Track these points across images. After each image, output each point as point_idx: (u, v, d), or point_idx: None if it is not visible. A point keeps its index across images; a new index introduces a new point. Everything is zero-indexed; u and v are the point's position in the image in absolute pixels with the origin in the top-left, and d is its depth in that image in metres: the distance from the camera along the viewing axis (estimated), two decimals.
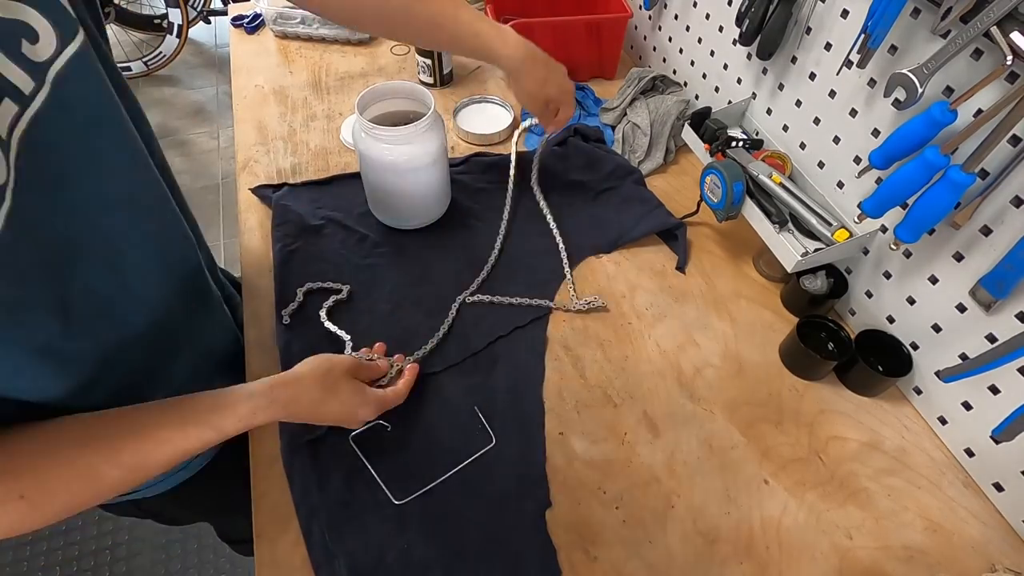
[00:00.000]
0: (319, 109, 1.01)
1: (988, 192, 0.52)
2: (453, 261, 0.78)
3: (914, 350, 0.66)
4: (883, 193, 0.58)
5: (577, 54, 1.06)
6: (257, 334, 0.70)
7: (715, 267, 0.80)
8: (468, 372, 0.67)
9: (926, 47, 0.56)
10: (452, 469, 0.59)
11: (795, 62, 0.74)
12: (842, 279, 0.73)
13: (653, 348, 0.71)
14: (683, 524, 0.58)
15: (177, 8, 2.40)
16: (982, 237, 0.55)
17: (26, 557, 1.34)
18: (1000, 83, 0.50)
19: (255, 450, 0.61)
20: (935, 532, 0.58)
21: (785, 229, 0.73)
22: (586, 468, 0.61)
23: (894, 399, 0.68)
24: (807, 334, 0.69)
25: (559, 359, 0.70)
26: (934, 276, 0.62)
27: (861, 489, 0.61)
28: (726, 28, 0.86)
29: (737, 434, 0.64)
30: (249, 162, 0.91)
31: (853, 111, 0.67)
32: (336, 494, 0.57)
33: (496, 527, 0.56)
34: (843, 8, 0.65)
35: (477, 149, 0.96)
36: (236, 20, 1.20)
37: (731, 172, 0.72)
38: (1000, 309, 0.55)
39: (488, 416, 0.64)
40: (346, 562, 0.53)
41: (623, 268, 0.80)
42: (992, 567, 0.55)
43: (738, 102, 0.84)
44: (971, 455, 0.62)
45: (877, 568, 0.56)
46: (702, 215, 0.82)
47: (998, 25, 0.46)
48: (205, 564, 1.34)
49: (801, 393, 0.68)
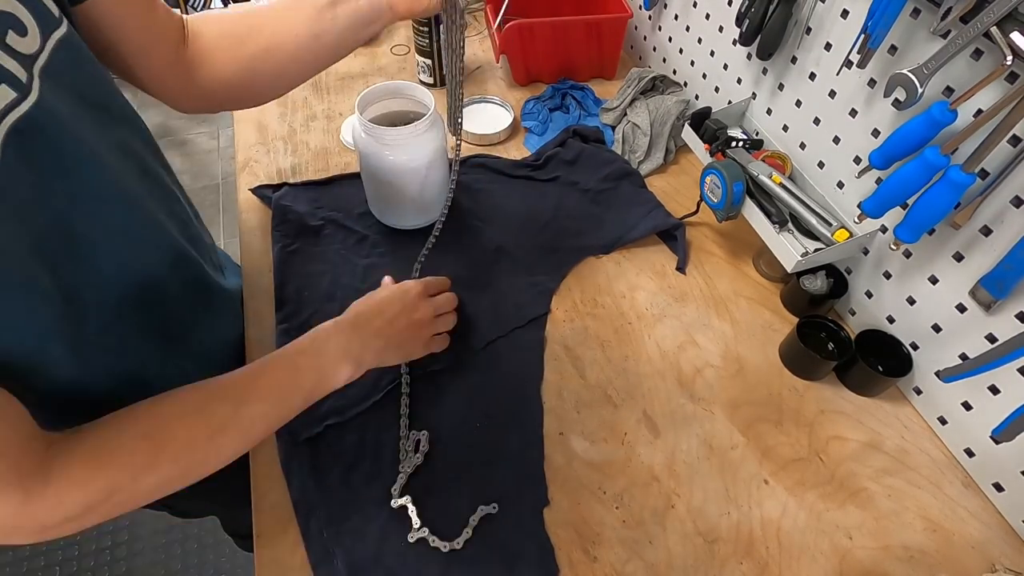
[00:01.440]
0: (319, 109, 1.01)
1: (988, 192, 0.52)
2: (452, 261, 0.78)
3: (914, 350, 0.66)
4: (883, 193, 0.58)
5: (577, 54, 1.06)
6: (257, 333, 0.70)
7: (715, 267, 0.80)
8: (467, 372, 0.67)
9: (926, 47, 0.56)
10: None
11: (795, 62, 0.74)
12: (842, 279, 0.73)
13: (653, 348, 0.71)
14: (683, 524, 0.58)
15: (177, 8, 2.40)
16: (982, 237, 0.55)
17: (26, 557, 1.34)
18: (1000, 83, 0.50)
19: (255, 451, 0.61)
20: (935, 532, 0.58)
21: (785, 229, 0.73)
22: (586, 468, 0.61)
23: (894, 399, 0.68)
24: (807, 334, 0.69)
25: (559, 359, 0.70)
26: (934, 276, 0.62)
27: (861, 489, 0.61)
28: (726, 28, 0.86)
29: (737, 434, 0.64)
30: (249, 162, 0.91)
31: (853, 111, 0.67)
32: (334, 492, 0.57)
33: (494, 525, 0.56)
34: (843, 8, 0.65)
35: (477, 149, 0.96)
36: None
37: (731, 172, 0.72)
38: (1000, 309, 0.55)
39: (487, 416, 0.64)
40: (345, 560, 0.53)
41: (623, 268, 0.80)
42: (992, 567, 0.55)
43: (738, 102, 0.84)
44: (971, 455, 0.62)
45: (877, 568, 0.56)
46: (702, 215, 0.82)
47: (998, 25, 0.46)
48: (205, 564, 1.34)
49: (801, 393, 0.68)
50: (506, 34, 0.99)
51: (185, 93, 0.57)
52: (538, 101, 1.03)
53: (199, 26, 0.57)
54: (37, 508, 0.38)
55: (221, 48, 0.57)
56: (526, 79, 1.09)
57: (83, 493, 0.40)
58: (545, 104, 1.02)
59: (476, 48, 1.18)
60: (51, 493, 0.38)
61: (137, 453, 0.42)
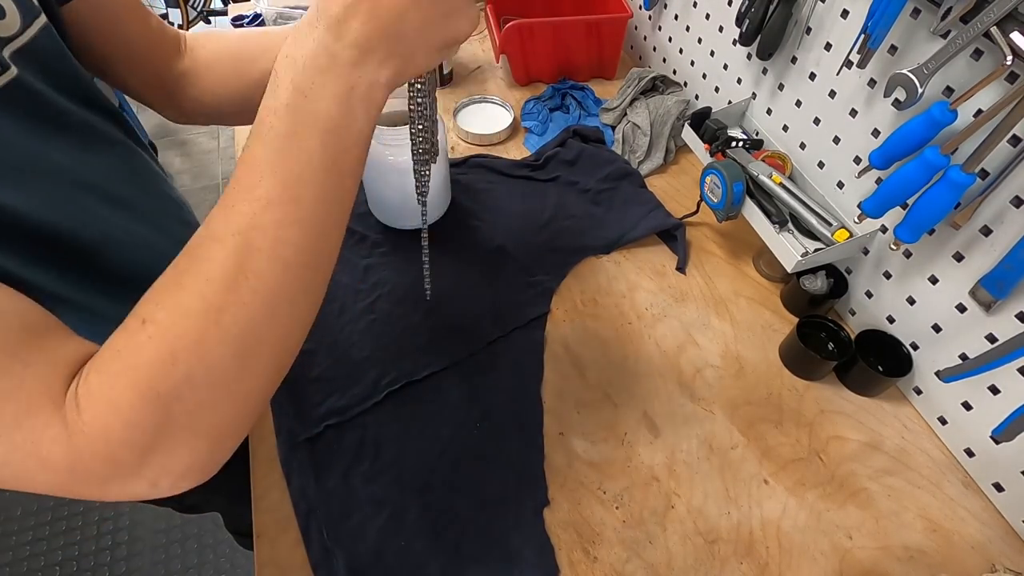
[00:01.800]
0: None
1: (988, 192, 0.52)
2: (452, 261, 0.78)
3: (914, 350, 0.66)
4: (883, 193, 0.58)
5: (577, 54, 1.06)
6: None
7: (715, 267, 0.80)
8: (467, 372, 0.67)
9: (926, 47, 0.56)
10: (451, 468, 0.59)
11: (795, 62, 0.74)
12: (842, 279, 0.73)
13: (653, 348, 0.71)
14: (683, 524, 0.58)
15: (177, 8, 2.40)
16: (982, 237, 0.55)
17: (26, 557, 1.33)
18: (1000, 83, 0.50)
19: (255, 450, 0.61)
20: (935, 532, 0.58)
21: (785, 229, 0.73)
22: (586, 468, 0.61)
23: (894, 399, 0.68)
24: (807, 334, 0.69)
25: (559, 359, 0.70)
26: (934, 276, 0.62)
27: (861, 489, 0.61)
28: (726, 28, 0.86)
29: (737, 434, 0.64)
30: None
31: (853, 111, 0.67)
32: (334, 492, 0.57)
33: (494, 525, 0.56)
34: (843, 8, 0.65)
35: (477, 149, 0.96)
36: (236, 20, 1.20)
37: (731, 172, 0.72)
38: (1000, 309, 0.55)
39: (487, 415, 0.64)
40: (344, 560, 0.53)
41: (623, 268, 0.80)
42: (992, 567, 0.55)
43: (738, 102, 0.84)
44: (971, 455, 0.62)
45: (877, 568, 0.56)
46: (702, 215, 0.82)
47: (998, 25, 0.46)
48: (205, 564, 1.34)
49: (801, 393, 0.68)
50: (506, 34, 0.99)
51: (176, 106, 0.57)
52: (538, 101, 1.03)
53: (198, 43, 0.58)
54: (81, 440, 0.29)
55: (218, 66, 0.57)
56: (526, 79, 1.09)
57: (120, 415, 0.29)
58: (545, 104, 1.02)
59: (476, 48, 1.18)
60: (89, 420, 0.29)
61: (145, 345, 0.31)
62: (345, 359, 0.67)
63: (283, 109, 0.33)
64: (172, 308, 0.31)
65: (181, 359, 0.30)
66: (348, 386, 0.64)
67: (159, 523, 1.39)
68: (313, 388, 0.64)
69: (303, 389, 0.64)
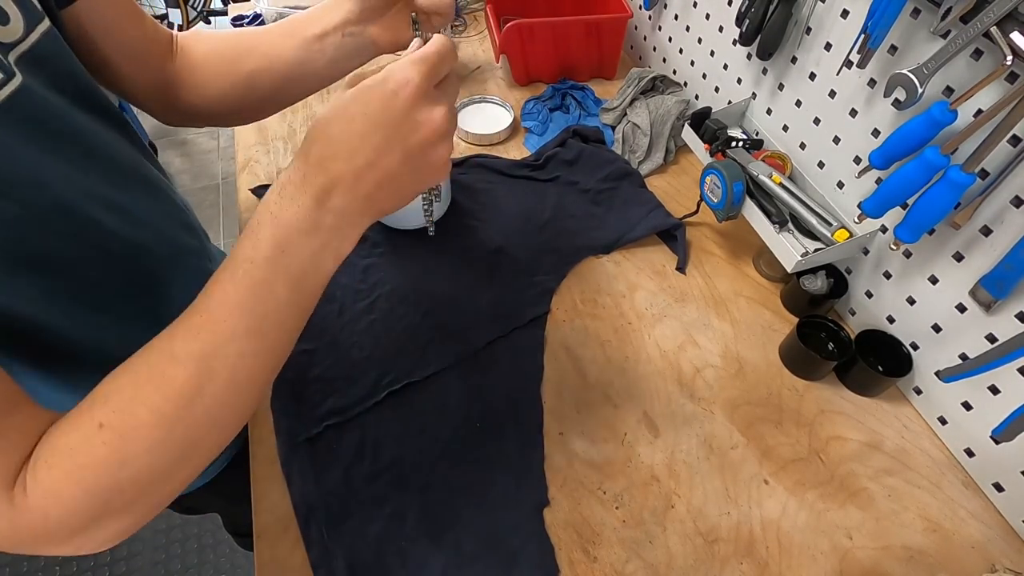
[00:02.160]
0: (319, 109, 1.01)
1: (988, 192, 0.52)
2: (452, 261, 0.78)
3: (914, 350, 0.66)
4: (883, 193, 0.58)
5: (577, 54, 1.06)
6: None
7: (715, 267, 0.80)
8: (467, 372, 0.67)
9: (926, 47, 0.56)
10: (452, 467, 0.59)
11: (795, 62, 0.74)
12: (842, 279, 0.73)
13: (653, 348, 0.71)
14: (683, 524, 0.58)
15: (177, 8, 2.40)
16: (982, 237, 0.55)
17: (25, 557, 1.33)
18: (1000, 83, 0.50)
19: (255, 450, 0.61)
20: (935, 532, 0.58)
21: (785, 229, 0.73)
22: (586, 468, 0.61)
23: (894, 399, 0.68)
24: (807, 334, 0.69)
25: (559, 359, 0.70)
26: (934, 276, 0.62)
27: (861, 489, 0.61)
28: (726, 28, 0.86)
29: (737, 434, 0.64)
30: (249, 162, 0.91)
31: (853, 111, 0.67)
32: (334, 492, 0.57)
33: (494, 525, 0.56)
34: (843, 8, 0.65)
35: (477, 149, 0.96)
36: (236, 20, 1.20)
37: (731, 172, 0.72)
38: (1000, 309, 0.55)
39: (487, 415, 0.64)
40: (344, 560, 0.53)
41: (623, 268, 0.80)
42: (992, 567, 0.55)
43: (738, 102, 0.84)
44: (971, 455, 0.62)
45: (877, 568, 0.56)
46: (702, 215, 0.82)
47: (998, 25, 0.46)
48: (205, 564, 1.34)
49: (801, 393, 0.68)
50: (506, 34, 0.99)
51: (169, 107, 0.58)
52: (538, 101, 1.03)
53: (189, 43, 0.58)
54: (22, 519, 0.32)
55: (210, 67, 0.57)
56: (526, 79, 1.09)
57: (61, 505, 0.32)
58: (545, 104, 1.02)
59: (476, 48, 1.18)
60: (33, 504, 0.32)
61: (98, 447, 0.33)
62: (345, 359, 0.67)
63: (261, 260, 0.36)
64: (128, 417, 0.34)
65: (129, 464, 0.33)
66: (348, 386, 0.64)
67: (159, 523, 1.39)
68: (313, 388, 0.64)
69: (303, 389, 0.64)
